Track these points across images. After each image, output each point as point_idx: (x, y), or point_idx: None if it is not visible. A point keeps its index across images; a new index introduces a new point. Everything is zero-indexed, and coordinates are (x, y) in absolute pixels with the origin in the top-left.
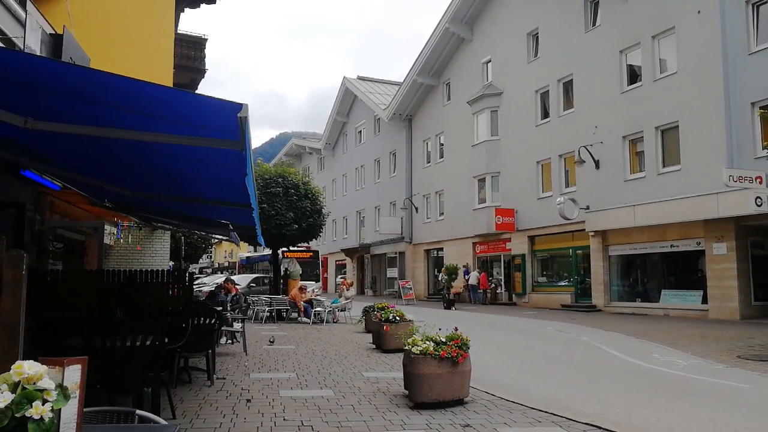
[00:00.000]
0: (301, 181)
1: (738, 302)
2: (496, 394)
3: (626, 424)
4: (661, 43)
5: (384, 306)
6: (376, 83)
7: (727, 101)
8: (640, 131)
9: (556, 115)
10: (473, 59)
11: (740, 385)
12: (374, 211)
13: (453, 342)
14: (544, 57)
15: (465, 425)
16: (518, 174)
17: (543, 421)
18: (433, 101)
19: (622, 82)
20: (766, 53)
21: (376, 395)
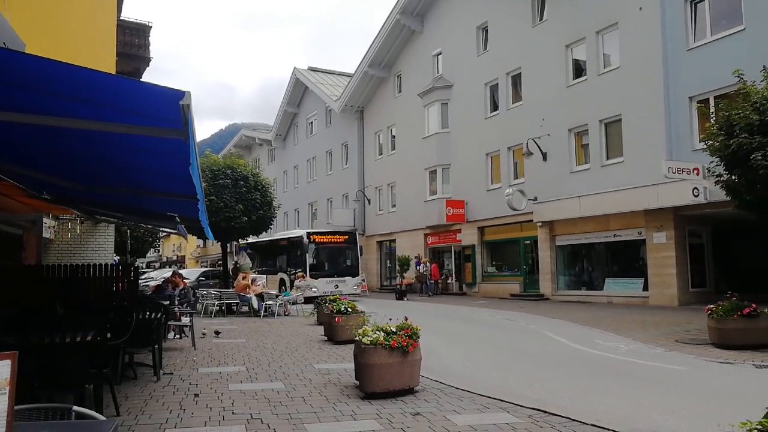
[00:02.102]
0: (251, 172)
1: (676, 289)
2: (446, 383)
3: (571, 408)
4: (605, 38)
5: (336, 298)
6: (328, 74)
7: (667, 96)
8: (585, 124)
9: (505, 108)
10: (424, 52)
11: (678, 367)
12: (327, 203)
13: (403, 332)
14: (493, 50)
15: (415, 414)
16: (468, 166)
17: (491, 408)
18: (384, 93)
19: (568, 76)
20: (703, 49)
21: (327, 386)
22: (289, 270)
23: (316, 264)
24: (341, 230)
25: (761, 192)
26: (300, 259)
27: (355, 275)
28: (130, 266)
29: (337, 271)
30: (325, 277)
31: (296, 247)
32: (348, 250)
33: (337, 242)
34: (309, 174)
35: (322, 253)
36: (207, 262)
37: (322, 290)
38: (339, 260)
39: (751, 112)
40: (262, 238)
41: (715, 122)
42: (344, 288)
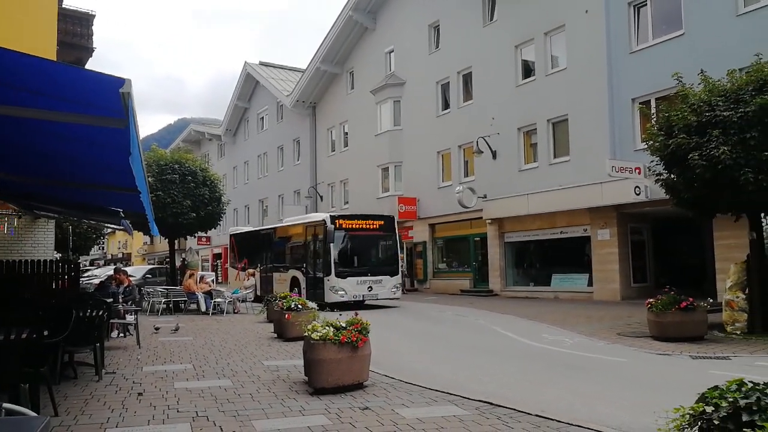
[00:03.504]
0: (199, 167)
1: (619, 284)
2: (395, 377)
3: (517, 400)
4: (553, 39)
5: (286, 295)
6: (280, 69)
7: (611, 97)
8: (533, 123)
9: (456, 106)
10: (376, 49)
11: (619, 359)
12: (278, 199)
13: (353, 327)
14: (444, 49)
15: (364, 408)
16: (420, 163)
17: (439, 401)
18: (337, 89)
19: (518, 75)
20: (645, 53)
21: (276, 383)
22: (304, 267)
23: (344, 258)
24: (376, 214)
25: (698, 190)
26: (320, 252)
27: (394, 274)
28: (71, 263)
29: (370, 268)
30: (355, 276)
31: (315, 235)
32: (385, 240)
33: (371, 229)
34: (260, 170)
35: (352, 243)
36: (155, 259)
37: (352, 293)
38: (373, 253)
39: (689, 114)
40: (264, 226)
41: (655, 123)
42: (380, 291)
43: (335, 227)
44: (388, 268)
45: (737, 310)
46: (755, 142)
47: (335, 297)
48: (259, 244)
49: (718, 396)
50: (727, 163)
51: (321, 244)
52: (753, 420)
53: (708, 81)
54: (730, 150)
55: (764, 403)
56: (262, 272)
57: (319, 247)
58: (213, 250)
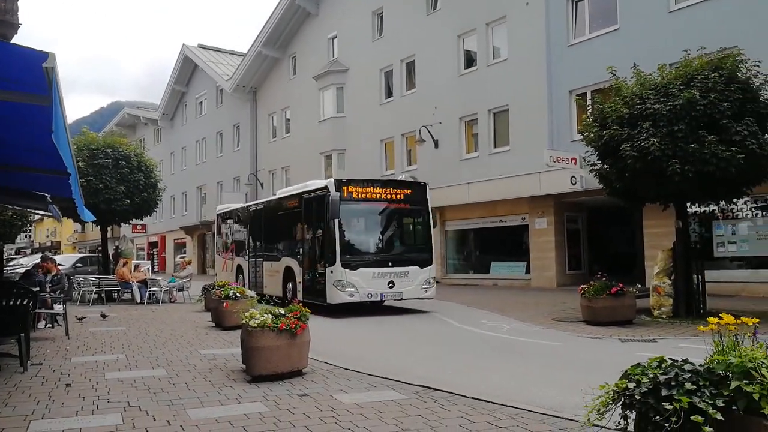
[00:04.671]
0: (134, 152)
1: (555, 272)
2: (335, 364)
3: (455, 384)
4: (495, 30)
5: (225, 283)
6: (219, 53)
7: (550, 88)
8: (475, 113)
9: (399, 94)
10: (319, 34)
11: (554, 343)
12: (216, 186)
13: (292, 314)
14: (388, 36)
15: (302, 395)
16: (363, 151)
17: (378, 386)
18: (278, 74)
19: (460, 65)
20: (582, 46)
21: (213, 372)
22: (300, 254)
23: (354, 242)
24: (401, 180)
25: (629, 181)
26: (321, 233)
27: (426, 263)
28: None
29: (392, 255)
30: (370, 266)
31: (315, 210)
32: (413, 216)
33: (394, 201)
34: (198, 156)
35: (366, 220)
36: (86, 248)
37: (365, 291)
38: (396, 235)
39: (621, 106)
40: (249, 203)
41: (590, 115)
42: (406, 287)
43: (341, 196)
44: (417, 256)
45: (663, 295)
46: (682, 134)
47: (341, 296)
48: (247, 225)
49: (639, 373)
50: (656, 154)
51: (322, 222)
52: (671, 394)
53: (640, 75)
54: (659, 141)
55: (682, 378)
56: (252, 261)
57: (319, 227)
58: (149, 239)
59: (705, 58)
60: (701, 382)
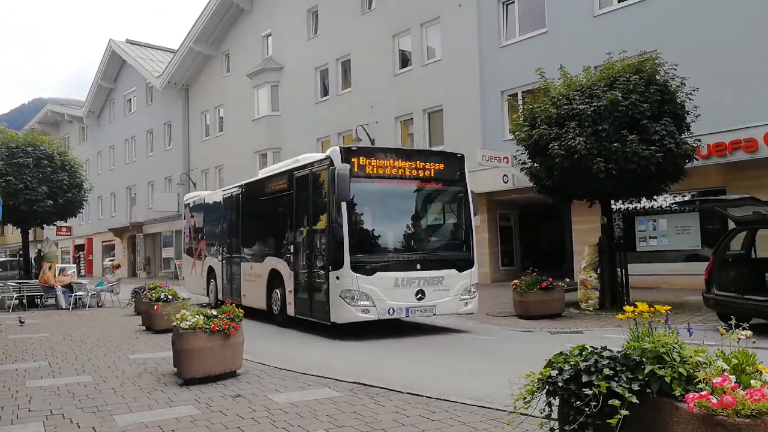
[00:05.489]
0: (57, 151)
1: (489, 268)
2: (270, 364)
3: (387, 379)
4: (429, 31)
5: (156, 286)
6: (149, 49)
7: (482, 88)
8: (410, 113)
9: (335, 93)
10: (253, 31)
11: (487, 337)
12: (147, 186)
13: (225, 314)
14: (323, 35)
15: (236, 396)
16: (299, 150)
17: (313, 384)
18: (211, 72)
19: (395, 65)
20: (513, 47)
21: (142, 376)
22: (291, 253)
23: (369, 235)
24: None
25: (558, 178)
26: (322, 223)
27: (466, 266)
28: None
29: (421, 254)
30: (392, 270)
31: (312, 192)
32: (447, 200)
33: (422, 177)
34: (127, 155)
35: (385, 206)
36: (5, 251)
37: (385, 306)
38: (426, 226)
39: (550, 106)
40: (225, 188)
41: (521, 114)
42: (440, 298)
43: (352, 171)
44: (453, 255)
45: (590, 289)
46: (606, 133)
47: (351, 312)
48: (222, 216)
49: (562, 361)
50: (582, 153)
51: (324, 208)
52: (591, 380)
53: (566, 76)
54: (585, 141)
55: (601, 365)
56: (226, 262)
57: (318, 215)
58: (75, 241)
59: (627, 61)
60: (618, 368)
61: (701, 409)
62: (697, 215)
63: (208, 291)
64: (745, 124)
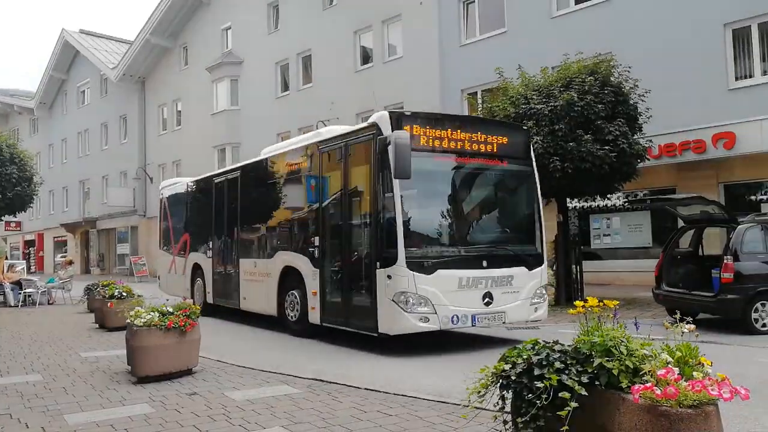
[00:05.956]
0: (5, 143)
1: None
2: (228, 362)
3: (346, 376)
4: (390, 28)
5: (110, 282)
6: (104, 39)
7: (443, 87)
8: (371, 110)
9: (295, 88)
10: (212, 24)
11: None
12: (101, 181)
13: (181, 311)
14: (284, 30)
15: (192, 393)
16: (259, 145)
17: (271, 381)
18: (169, 64)
19: (356, 61)
20: (473, 47)
21: (95, 375)
22: (316, 247)
23: (426, 224)
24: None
25: None
26: (370, 208)
27: (536, 263)
28: None
29: (487, 248)
30: (455, 268)
31: (351, 169)
32: (513, 183)
33: (486, 153)
34: (81, 148)
35: (444, 188)
36: None
37: (448, 313)
38: (491, 213)
39: (508, 105)
40: (215, 172)
41: (480, 113)
42: (510, 304)
43: (403, 136)
44: (522, 250)
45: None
46: (562, 133)
47: (407, 320)
48: (212, 205)
49: (515, 355)
50: (539, 152)
51: (366, 189)
52: (543, 373)
53: (524, 76)
54: (542, 140)
55: (552, 358)
56: (219, 258)
57: (356, 198)
58: (24, 237)
59: (582, 62)
60: (569, 361)
61: (646, 400)
62: (648, 214)
63: (193, 292)
64: (695, 126)
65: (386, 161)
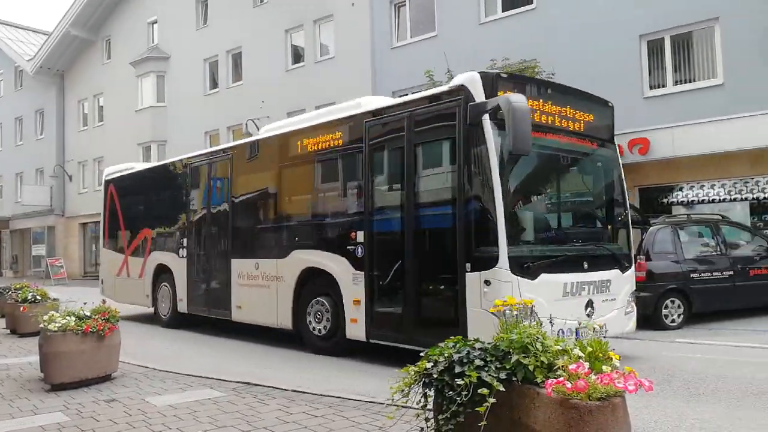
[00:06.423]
0: None
1: None
2: (150, 366)
3: (273, 378)
4: (322, 28)
5: (23, 285)
6: (19, 29)
7: (374, 89)
8: (302, 109)
9: (225, 86)
10: (137, 17)
11: None
12: (15, 178)
13: (99, 315)
14: (213, 26)
15: (110, 400)
16: (187, 144)
17: (195, 385)
18: (90, 58)
19: (288, 60)
20: (404, 49)
21: (5, 383)
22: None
23: (527, 216)
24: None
25: None
26: (459, 196)
27: (628, 264)
28: None
29: (587, 251)
30: (558, 271)
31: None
32: (603, 172)
33: (576, 133)
34: None
35: (542, 174)
36: None
37: (554, 327)
38: (587, 208)
39: None
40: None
41: None
42: (608, 313)
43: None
44: (615, 249)
45: None
46: None
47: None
48: (186, 196)
49: (437, 353)
50: None
51: (459, 168)
52: (463, 371)
53: None
54: None
55: (473, 356)
56: (197, 262)
57: (433, 181)
58: None
59: (509, 68)
60: (488, 358)
61: (558, 394)
62: None
63: (155, 299)
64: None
65: (479, 134)
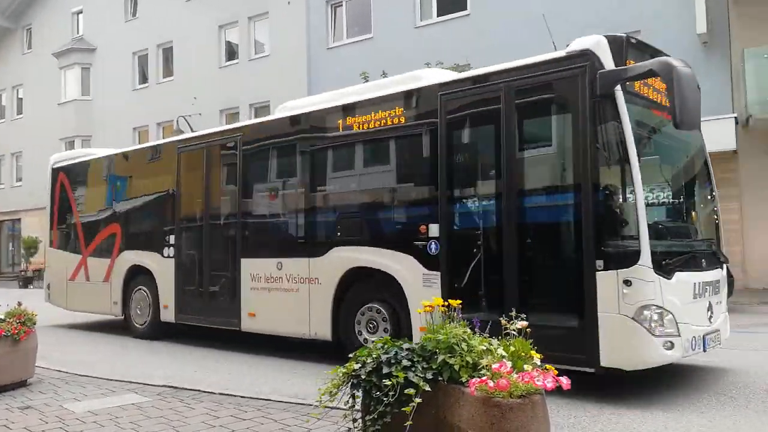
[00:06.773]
0: None
1: None
2: (70, 371)
3: (199, 380)
4: (257, 25)
5: None
6: None
7: (310, 87)
8: (236, 106)
9: (155, 81)
10: (61, 7)
11: None
12: None
13: (14, 318)
14: (143, 18)
15: (25, 407)
16: (113, 139)
17: (118, 390)
18: (9, 47)
19: (221, 57)
20: (340, 50)
21: None
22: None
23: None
24: None
25: None
26: (586, 181)
27: (725, 262)
28: None
29: (701, 245)
30: (689, 270)
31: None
32: (698, 159)
33: None
34: None
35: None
36: None
37: (688, 333)
38: (697, 198)
39: None
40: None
41: None
42: (720, 318)
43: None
44: (716, 245)
45: None
46: None
47: (655, 348)
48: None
49: (366, 354)
50: None
51: (586, 147)
52: (391, 371)
53: None
54: None
55: (400, 356)
56: (192, 262)
57: (541, 162)
58: None
59: None
60: (416, 359)
61: (481, 393)
62: None
63: (127, 306)
64: None
65: (610, 108)
